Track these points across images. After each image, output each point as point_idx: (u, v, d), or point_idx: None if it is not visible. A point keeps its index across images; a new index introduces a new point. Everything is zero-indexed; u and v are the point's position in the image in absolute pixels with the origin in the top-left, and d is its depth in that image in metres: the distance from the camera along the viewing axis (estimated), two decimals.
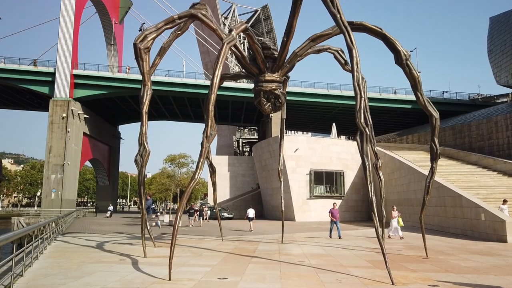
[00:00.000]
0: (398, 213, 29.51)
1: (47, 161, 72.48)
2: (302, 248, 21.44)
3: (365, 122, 12.93)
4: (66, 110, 72.31)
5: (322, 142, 57.76)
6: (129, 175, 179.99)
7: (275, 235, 29.27)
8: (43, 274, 13.26)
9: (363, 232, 33.40)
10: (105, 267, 14.48)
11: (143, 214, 17.70)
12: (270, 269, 14.26)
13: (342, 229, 27.76)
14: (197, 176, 13.21)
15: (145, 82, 17.52)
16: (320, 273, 13.58)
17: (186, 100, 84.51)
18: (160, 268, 14.04)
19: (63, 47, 74.66)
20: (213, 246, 21.91)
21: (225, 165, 77.40)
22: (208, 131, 13.54)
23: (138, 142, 17.01)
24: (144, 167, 17.03)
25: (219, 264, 15.49)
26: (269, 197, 61.34)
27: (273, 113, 21.22)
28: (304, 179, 54.35)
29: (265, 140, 65.49)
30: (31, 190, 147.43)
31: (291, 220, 51.67)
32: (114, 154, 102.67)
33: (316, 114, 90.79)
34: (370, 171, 12.88)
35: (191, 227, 41.01)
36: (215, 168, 23.63)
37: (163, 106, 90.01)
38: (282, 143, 25.40)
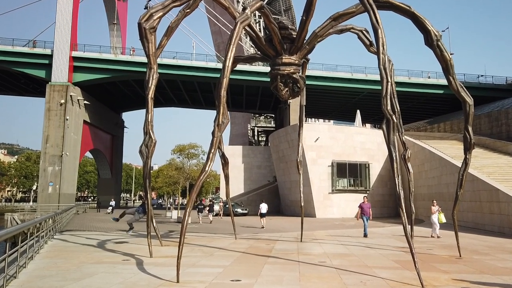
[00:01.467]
0: (439, 208, 28.71)
1: (43, 152, 72.65)
2: (323, 247, 21.42)
3: (392, 109, 12.83)
4: (65, 95, 72.37)
5: (346, 130, 57.58)
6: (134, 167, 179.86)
7: (293, 233, 29.28)
8: (39, 275, 13.26)
9: (390, 230, 33.34)
10: (107, 268, 14.47)
11: (149, 210, 17.77)
12: (288, 270, 14.22)
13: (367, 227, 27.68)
14: (207, 168, 13.16)
15: (151, 65, 17.43)
16: (343, 274, 13.53)
17: (196, 84, 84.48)
18: (167, 269, 14.03)
19: (61, 26, 74.68)
20: (226, 245, 21.96)
21: (239, 156, 77.51)
22: (220, 119, 13.49)
23: (143, 130, 16.92)
24: (150, 158, 16.98)
25: (232, 264, 15.49)
26: (287, 191, 61.35)
27: (291, 99, 21.15)
28: (325, 171, 54.26)
29: (283, 129, 65.42)
30: (26, 183, 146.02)
31: (311, 216, 51.67)
32: (117, 144, 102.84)
33: (338, 100, 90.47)
34: (397, 162, 12.80)
35: (201, 224, 41.16)
36: (227, 160, 23.60)
37: (170, 91, 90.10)
38: (302, 132, 25.31)
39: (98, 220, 45.43)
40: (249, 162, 78.13)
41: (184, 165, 55.87)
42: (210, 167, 13.25)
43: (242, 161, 77.67)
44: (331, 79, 78.18)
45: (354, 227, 36.66)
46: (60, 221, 30.64)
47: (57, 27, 74.66)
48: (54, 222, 25.75)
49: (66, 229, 31.97)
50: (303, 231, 24.92)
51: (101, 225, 38.42)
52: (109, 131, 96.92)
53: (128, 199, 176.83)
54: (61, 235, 26.58)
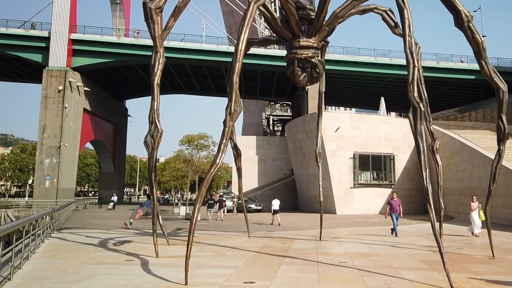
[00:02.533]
0: (479, 204, 28.35)
1: (40, 143, 72.69)
2: (345, 246, 21.39)
3: (419, 96, 12.75)
4: (63, 81, 72.41)
5: (368, 119, 57.44)
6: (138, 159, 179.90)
7: (312, 231, 29.24)
8: (35, 277, 13.23)
9: (417, 227, 33.25)
10: (109, 269, 14.47)
11: (154, 206, 17.69)
12: (306, 272, 14.20)
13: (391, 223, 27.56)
14: (219, 161, 13.07)
15: (157, 49, 17.36)
16: (365, 276, 13.49)
17: (206, 69, 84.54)
18: (174, 270, 14.04)
19: (59, 7, 74.73)
20: (238, 244, 21.99)
21: (253, 147, 77.56)
22: (232, 107, 13.42)
23: (149, 120, 16.82)
24: (156, 149, 16.90)
25: (245, 265, 15.48)
26: (305, 185, 61.34)
27: (309, 85, 21.06)
28: (346, 164, 54.20)
29: (301, 118, 65.36)
30: (21, 177, 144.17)
31: (332, 212, 51.63)
32: (120, 134, 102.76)
33: (361, 87, 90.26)
34: (425, 154, 12.73)
35: (211, 221, 41.24)
36: (240, 151, 23.56)
37: (178, 77, 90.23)
38: (321, 121, 25.22)
39: (100, 217, 45.57)
40: (264, 154, 78.15)
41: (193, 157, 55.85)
42: (221, 159, 13.16)
43: (256, 152, 77.70)
44: (353, 63, 77.89)
45: (377, 225, 36.60)
46: (58, 218, 30.54)
47: (54, 7, 74.65)
48: (51, 219, 25.79)
49: (64, 227, 32.06)
50: (322, 229, 24.81)
51: (103, 222, 38.53)
52: (112, 120, 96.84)
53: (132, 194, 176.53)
54: (59, 233, 26.67)
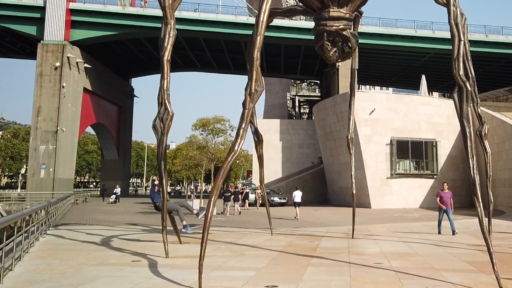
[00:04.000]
0: None
1: (34, 127, 72.49)
2: (380, 245, 21.36)
3: (466, 74, 12.63)
4: (61, 57, 72.27)
5: (408, 100, 57.22)
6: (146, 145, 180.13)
7: (343, 227, 29.17)
8: (28, 280, 13.18)
9: (462, 223, 33.03)
10: (112, 271, 14.42)
11: (164, 199, 17.41)
12: (337, 274, 14.15)
13: (434, 219, 27.42)
14: (237, 148, 12.96)
15: (167, 20, 17.25)
16: (404, 279, 13.41)
17: (222, 44, 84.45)
18: (187, 272, 14.04)
19: None
20: (259, 242, 21.99)
21: (276, 132, 77.54)
22: (252, 87, 13.34)
23: (158, 101, 16.72)
24: (166, 135, 16.74)
25: (267, 266, 15.44)
26: (336, 175, 61.31)
27: (340, 61, 20.94)
28: (382, 151, 54.08)
29: (330, 98, 65.25)
30: (13, 166, 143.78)
31: (366, 206, 51.63)
32: (125, 118, 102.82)
33: (399, 63, 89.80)
34: (472, 140, 12.60)
35: (228, 216, 41.35)
36: (261, 137, 23.50)
37: (191, 52, 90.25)
38: (353, 103, 25.07)
39: (102, 212, 45.82)
40: (289, 139, 78.11)
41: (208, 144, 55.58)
42: (240, 146, 13.02)
43: (280, 138, 77.67)
44: (390, 36, 77.41)
45: (418, 220, 36.51)
46: (54, 213, 30.64)
47: None
48: (47, 214, 25.60)
49: (62, 223, 32.14)
50: (354, 225, 24.71)
51: (106, 217, 38.71)
52: (116, 102, 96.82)
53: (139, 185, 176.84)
54: (56, 230, 26.79)
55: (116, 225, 30.91)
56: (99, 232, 25.98)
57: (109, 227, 29.44)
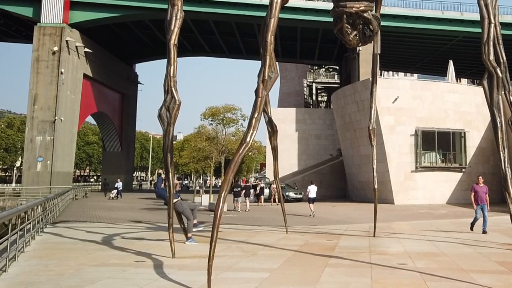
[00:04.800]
0: None
1: (30, 116, 71.83)
2: (404, 244, 21.31)
3: (496, 60, 12.54)
4: (59, 41, 71.64)
5: (434, 88, 57.06)
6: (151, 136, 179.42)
7: (363, 225, 29.28)
8: (24, 282, 13.13)
9: (493, 220, 32.84)
10: (114, 272, 14.40)
11: (170, 194, 17.31)
12: (357, 275, 14.12)
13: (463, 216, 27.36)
14: (249, 139, 12.82)
15: (174, 1, 17.15)
16: (430, 281, 13.34)
17: (234, 26, 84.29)
18: (195, 274, 14.02)
19: None
20: (273, 241, 21.97)
21: (292, 121, 77.49)
22: (266, 73, 13.28)
23: (164, 88, 16.74)
24: (173, 125, 16.73)
25: (281, 267, 15.40)
26: (356, 169, 61.25)
27: (361, 46, 20.89)
28: (407, 142, 53.98)
29: (350, 86, 65.13)
30: (8, 158, 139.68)
31: (388, 202, 51.64)
32: (129, 106, 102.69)
33: (424, 48, 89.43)
34: (503, 131, 12.52)
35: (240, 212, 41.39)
36: (276, 127, 23.46)
37: (200, 35, 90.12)
38: (375, 90, 24.97)
39: (103, 208, 45.96)
40: (305, 130, 78.07)
41: (218, 134, 55.66)
42: (252, 137, 12.90)
43: (296, 128, 77.64)
44: (415, 19, 77.07)
45: (445, 217, 36.48)
46: (52, 209, 30.62)
47: None
48: (44, 210, 25.54)
49: (60, 220, 32.28)
50: (376, 223, 24.61)
51: (107, 214, 38.85)
52: (118, 89, 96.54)
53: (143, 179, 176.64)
54: (53, 228, 26.83)
55: (118, 223, 31.01)
56: (100, 230, 26.03)
57: (111, 225, 29.53)
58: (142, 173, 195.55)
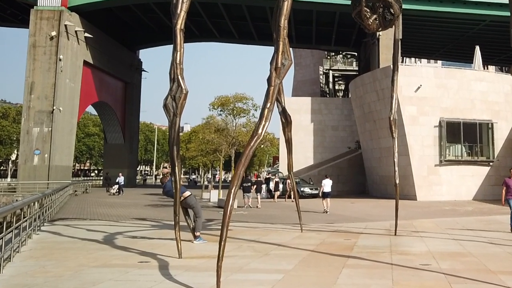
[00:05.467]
0: None
1: (26, 106, 71.43)
2: (427, 243, 21.25)
3: None
4: (57, 25, 71.27)
5: (459, 76, 56.86)
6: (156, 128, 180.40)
7: (384, 223, 29.20)
8: (19, 284, 13.11)
9: None
10: (116, 274, 14.37)
11: (177, 190, 17.28)
12: (377, 277, 14.08)
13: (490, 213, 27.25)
14: (261, 130, 12.79)
15: None
16: (455, 283, 13.30)
17: (244, 9, 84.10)
18: (202, 275, 14.03)
19: None
20: (287, 240, 21.96)
21: (307, 112, 77.39)
22: (279, 60, 13.23)
23: (170, 76, 16.69)
24: (179, 115, 16.69)
25: (296, 268, 15.38)
26: (376, 162, 61.15)
27: (381, 30, 20.81)
28: (430, 134, 53.85)
29: (370, 73, 64.94)
30: (2, 151, 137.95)
31: (411, 198, 51.58)
32: (132, 95, 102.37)
33: (449, 33, 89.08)
34: None
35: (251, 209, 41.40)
36: (290, 118, 23.44)
37: (208, 19, 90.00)
38: (396, 78, 24.87)
39: (105, 204, 46.05)
40: (321, 120, 77.97)
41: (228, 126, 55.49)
42: (265, 129, 12.87)
43: (311, 119, 77.54)
44: (439, 1, 76.63)
45: (472, 214, 36.42)
46: (50, 206, 30.58)
47: None
48: (41, 207, 25.67)
49: (58, 217, 32.30)
50: (398, 220, 24.64)
51: (109, 211, 38.97)
52: (121, 77, 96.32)
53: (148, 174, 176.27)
54: (51, 226, 26.90)
55: (121, 220, 31.06)
56: (102, 228, 26.07)
57: (113, 223, 29.53)
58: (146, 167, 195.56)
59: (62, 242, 21.11)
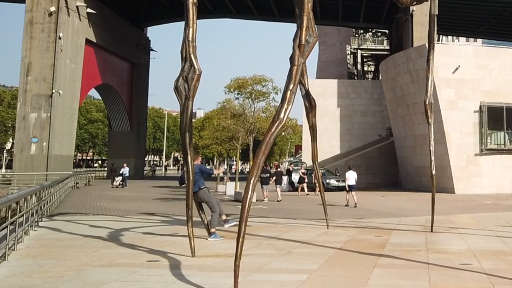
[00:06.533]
0: None
1: (23, 89, 71.00)
2: (467, 240, 21.13)
3: None
4: (56, 0, 70.81)
5: (502, 55, 56.62)
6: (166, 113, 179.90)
7: (419, 218, 29.18)
8: (15, 285, 13.05)
9: None
10: (123, 274, 14.28)
11: (189, 182, 17.17)
12: (412, 278, 14.01)
13: None
14: (283, 115, 12.62)
15: None
16: (499, 284, 13.22)
17: None
18: (218, 276, 14.00)
19: None
20: (311, 237, 21.94)
21: (333, 96, 77.31)
22: (303, 36, 13.14)
23: (181, 55, 16.57)
24: (192, 98, 16.56)
25: (322, 268, 15.32)
26: (409, 151, 61.03)
27: (415, 5, 20.72)
28: (469, 120, 53.68)
29: (402, 53, 64.80)
30: None
31: (448, 191, 51.43)
32: (139, 78, 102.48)
33: (490, 8, 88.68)
34: None
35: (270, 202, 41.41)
36: (314, 102, 23.38)
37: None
38: (432, 58, 24.76)
39: (110, 198, 46.24)
40: (349, 105, 77.86)
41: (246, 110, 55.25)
42: (287, 113, 12.71)
43: (338, 104, 77.42)
44: None
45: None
46: (49, 199, 30.66)
47: None
48: (39, 200, 25.49)
49: (58, 212, 32.46)
50: (434, 215, 24.45)
51: (114, 205, 39.12)
52: (127, 57, 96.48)
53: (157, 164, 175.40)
54: (50, 221, 26.99)
55: (127, 215, 31.15)
56: (106, 224, 26.08)
57: (119, 218, 29.67)
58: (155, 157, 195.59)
59: (62, 239, 21.17)
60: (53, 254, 17.41)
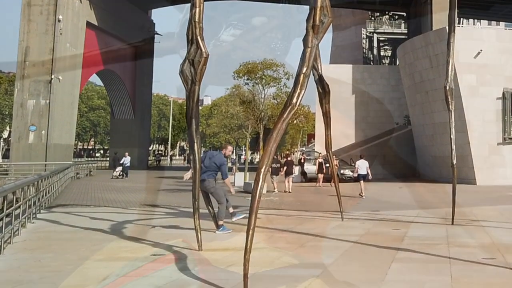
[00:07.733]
0: None
1: (20, 75, 71.29)
2: (490, 233, 21.08)
3: None
4: None
5: None
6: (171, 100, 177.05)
7: (439, 210, 29.01)
8: (12, 280, 12.96)
9: None
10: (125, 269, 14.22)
11: (196, 172, 17.10)
12: (432, 273, 13.96)
13: None
14: (296, 100, 12.45)
15: None
16: None
17: None
18: (226, 271, 13.96)
19: None
20: (325, 229, 21.96)
21: (347, 81, 77.09)
22: (317, 16, 13.00)
23: (187, 38, 16.43)
24: (198, 83, 16.44)
25: (336, 262, 15.28)
26: (428, 140, 60.96)
27: None
28: (492, 107, 53.59)
29: (421, 36, 64.67)
30: None
31: (469, 182, 51.36)
32: (143, 63, 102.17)
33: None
34: None
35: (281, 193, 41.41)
36: (328, 87, 23.28)
37: None
38: (453, 41, 24.65)
39: (112, 189, 46.36)
40: (364, 92, 77.66)
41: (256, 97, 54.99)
42: (300, 98, 12.55)
43: (353, 90, 77.29)
44: None
45: None
46: (48, 190, 30.73)
47: None
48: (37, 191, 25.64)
49: (57, 204, 32.51)
50: (455, 208, 24.42)
51: (117, 196, 39.20)
52: (131, 41, 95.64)
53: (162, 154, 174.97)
54: (49, 213, 27.06)
55: (130, 207, 31.22)
56: (108, 216, 26.07)
57: (121, 210, 29.72)
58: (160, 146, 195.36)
59: (61, 231, 21.20)
60: (52, 248, 17.39)
